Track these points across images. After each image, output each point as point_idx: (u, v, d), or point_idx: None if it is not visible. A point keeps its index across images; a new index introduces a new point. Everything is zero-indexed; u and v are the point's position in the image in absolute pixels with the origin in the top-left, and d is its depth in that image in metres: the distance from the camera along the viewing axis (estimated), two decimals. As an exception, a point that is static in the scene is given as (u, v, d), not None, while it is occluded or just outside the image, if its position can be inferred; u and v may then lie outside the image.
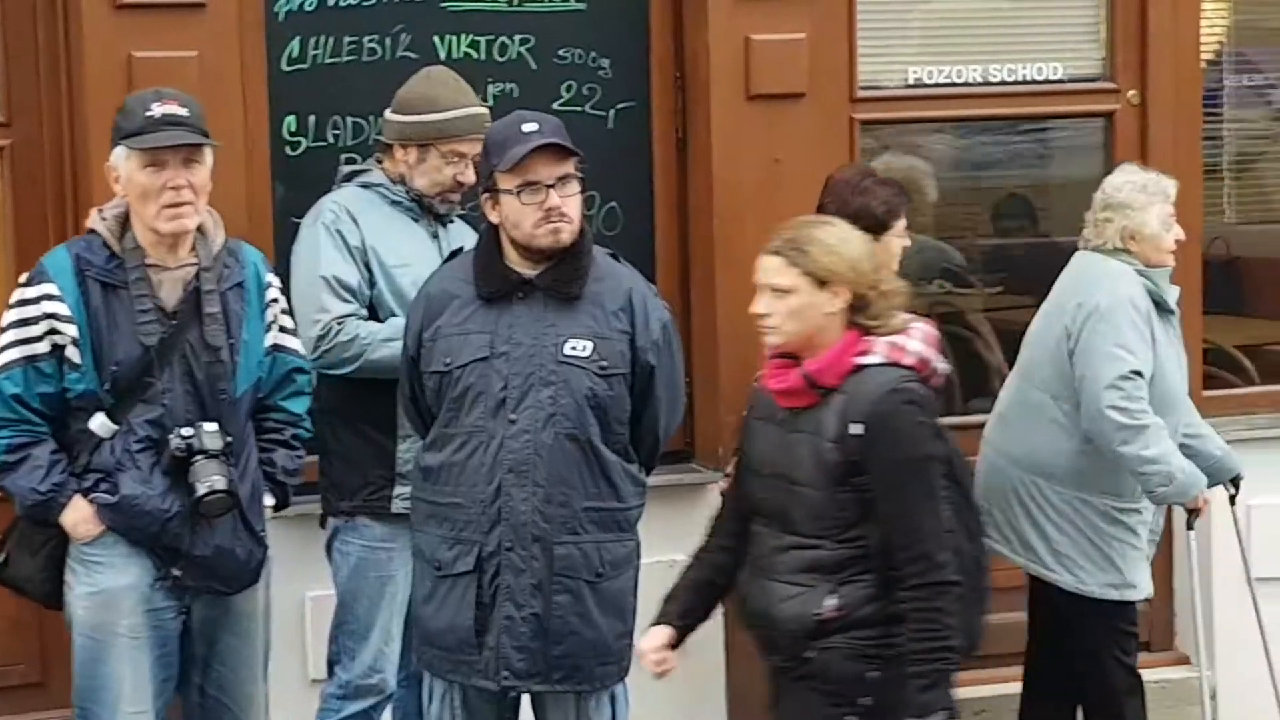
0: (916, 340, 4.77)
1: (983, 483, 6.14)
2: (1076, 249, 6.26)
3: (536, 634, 5.04)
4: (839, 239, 4.79)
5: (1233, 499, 6.39)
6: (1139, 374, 5.86)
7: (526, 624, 5.03)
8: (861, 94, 6.69)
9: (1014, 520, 6.16)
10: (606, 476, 5.11)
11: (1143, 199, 6.06)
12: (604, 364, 5.08)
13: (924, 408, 4.71)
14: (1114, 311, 5.93)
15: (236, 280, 5.14)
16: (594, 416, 5.08)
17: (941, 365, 4.83)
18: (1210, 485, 6.30)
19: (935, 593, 4.63)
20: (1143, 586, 6.07)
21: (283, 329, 5.30)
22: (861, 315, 4.75)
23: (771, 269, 4.76)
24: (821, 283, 4.71)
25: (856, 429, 4.65)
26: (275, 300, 5.27)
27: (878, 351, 4.72)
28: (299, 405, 5.36)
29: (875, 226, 5.92)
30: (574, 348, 5.07)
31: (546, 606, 5.03)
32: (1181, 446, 6.17)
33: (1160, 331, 6.02)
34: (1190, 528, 5.98)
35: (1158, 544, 6.17)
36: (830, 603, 4.69)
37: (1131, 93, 6.92)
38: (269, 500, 5.28)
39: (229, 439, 5.05)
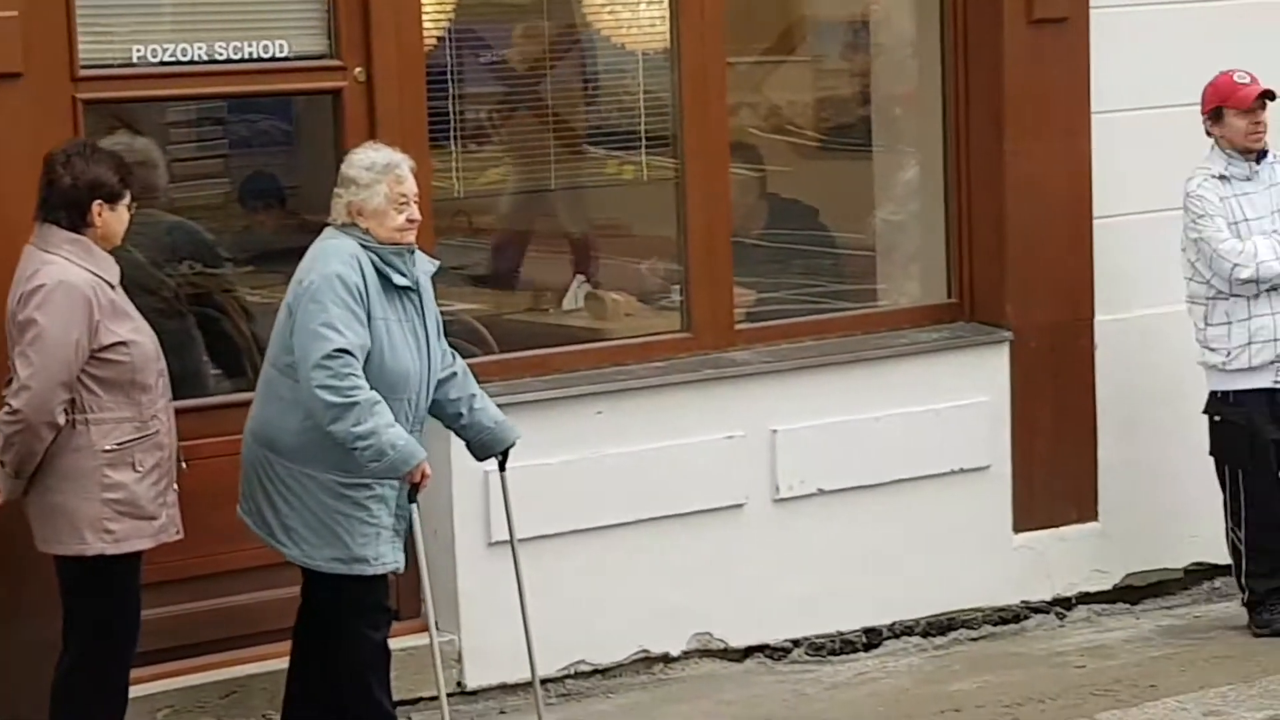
0: None
1: (242, 458, 6.23)
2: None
3: None
4: None
5: (502, 465, 6.52)
6: (347, 351, 5.93)
7: None
8: (84, 73, 6.49)
9: (254, 494, 6.20)
10: None
11: (369, 177, 6.15)
12: None
13: None
14: (320, 290, 6.00)
15: None
16: None
17: None
18: (486, 455, 6.48)
19: None
20: (380, 561, 6.13)
21: None
22: None
23: None
24: None
25: None
26: None
27: None
28: None
29: (111, 196, 5.93)
30: None
31: None
32: (458, 416, 6.36)
33: (388, 309, 6.10)
34: (412, 500, 6.08)
35: (408, 519, 6.23)
36: None
37: (358, 70, 6.96)
38: None
39: None
